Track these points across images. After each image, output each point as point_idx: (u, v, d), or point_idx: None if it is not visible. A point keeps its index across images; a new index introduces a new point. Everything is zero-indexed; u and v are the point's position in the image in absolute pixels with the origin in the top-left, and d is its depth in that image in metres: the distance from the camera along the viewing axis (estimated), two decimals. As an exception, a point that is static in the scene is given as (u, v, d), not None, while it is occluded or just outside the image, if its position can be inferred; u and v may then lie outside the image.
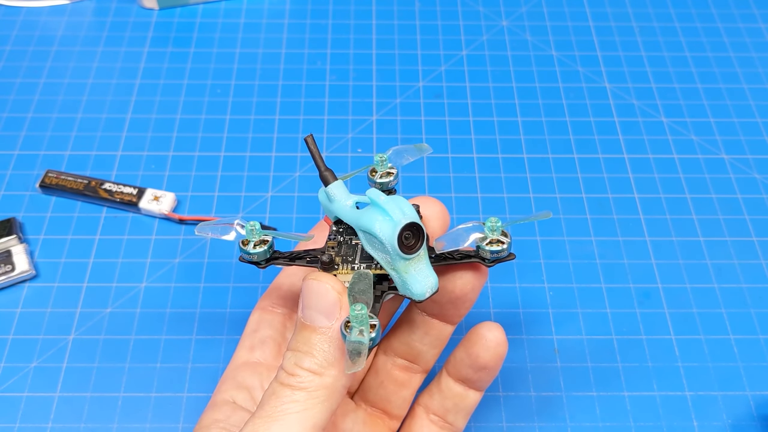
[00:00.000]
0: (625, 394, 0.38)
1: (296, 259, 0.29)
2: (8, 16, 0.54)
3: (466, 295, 0.30)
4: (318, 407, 0.25)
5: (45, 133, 0.47)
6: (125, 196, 0.43)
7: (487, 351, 0.31)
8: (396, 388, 0.33)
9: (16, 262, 0.41)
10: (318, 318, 0.26)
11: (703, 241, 0.43)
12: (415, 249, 0.27)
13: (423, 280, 0.27)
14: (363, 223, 0.27)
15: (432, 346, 0.32)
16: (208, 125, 0.48)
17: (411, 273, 0.27)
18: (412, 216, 0.26)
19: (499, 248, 0.27)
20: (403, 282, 0.27)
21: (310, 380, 0.25)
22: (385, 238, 0.26)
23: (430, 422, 0.33)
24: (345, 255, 0.28)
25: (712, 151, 0.48)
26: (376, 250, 0.27)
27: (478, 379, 0.32)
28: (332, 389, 0.25)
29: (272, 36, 0.54)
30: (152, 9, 0.55)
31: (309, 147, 0.28)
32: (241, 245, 0.29)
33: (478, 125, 0.49)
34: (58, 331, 0.39)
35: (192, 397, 0.37)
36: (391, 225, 0.26)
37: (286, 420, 0.24)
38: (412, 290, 0.27)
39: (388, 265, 0.27)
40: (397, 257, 0.26)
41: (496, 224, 0.27)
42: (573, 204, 0.45)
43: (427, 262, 0.27)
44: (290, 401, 0.25)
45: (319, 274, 0.27)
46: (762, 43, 0.54)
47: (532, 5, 0.56)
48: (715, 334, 0.40)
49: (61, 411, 0.37)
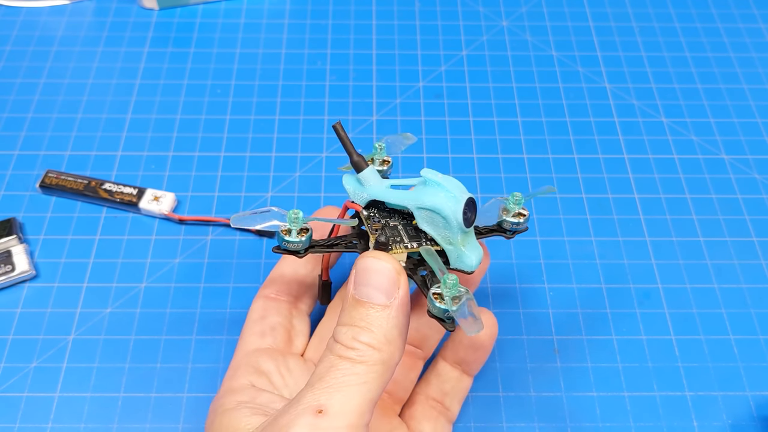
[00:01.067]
0: (625, 394, 0.38)
1: (334, 246, 0.30)
2: (8, 16, 0.54)
3: (474, 277, 0.33)
4: (376, 381, 0.25)
5: (45, 133, 0.47)
6: (125, 196, 0.43)
7: (484, 329, 0.33)
8: (405, 371, 0.34)
9: (16, 262, 0.41)
10: (376, 295, 0.26)
11: (703, 241, 0.43)
12: (472, 222, 0.29)
13: (476, 251, 0.29)
14: (425, 201, 0.28)
15: (436, 331, 0.34)
16: (208, 125, 0.48)
17: (466, 246, 0.29)
18: (467, 192, 0.29)
19: (519, 220, 0.31)
20: (458, 255, 0.29)
21: (369, 354, 0.25)
22: (450, 214, 0.28)
23: (430, 407, 0.34)
24: (392, 236, 0.29)
25: (712, 151, 0.48)
26: (435, 227, 0.28)
27: (474, 360, 0.34)
28: (388, 365, 0.26)
29: (272, 36, 0.54)
30: (152, 9, 0.55)
31: (339, 134, 0.29)
32: (281, 233, 0.29)
33: (478, 125, 0.49)
34: (58, 331, 0.39)
35: (192, 397, 0.37)
36: (455, 201, 0.28)
37: (347, 391, 0.25)
38: (467, 261, 0.29)
39: (446, 240, 0.29)
40: (459, 231, 0.28)
41: (520, 198, 0.31)
42: (573, 204, 0.45)
43: (475, 236, 0.30)
44: (351, 373, 0.25)
45: (377, 253, 0.27)
46: (762, 43, 0.54)
47: (532, 5, 0.56)
48: (715, 334, 0.40)
49: (61, 411, 0.37)
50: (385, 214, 0.30)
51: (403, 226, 0.30)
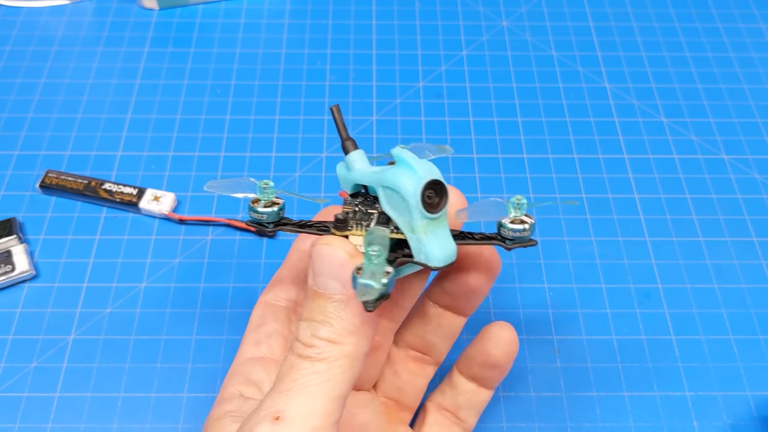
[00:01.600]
0: (625, 394, 0.38)
1: (305, 227, 0.28)
2: (8, 17, 0.54)
3: (481, 287, 0.30)
4: (340, 377, 0.24)
5: (45, 133, 0.47)
6: (125, 196, 0.43)
7: (498, 349, 0.31)
8: (410, 378, 0.33)
9: (16, 262, 0.41)
10: (331, 284, 0.25)
11: (703, 241, 0.43)
12: (438, 209, 0.26)
13: (442, 244, 0.26)
14: (386, 178, 0.26)
15: (444, 338, 0.32)
16: (208, 125, 0.48)
17: (429, 236, 0.26)
18: (437, 174, 0.26)
19: (521, 227, 0.26)
20: (420, 245, 0.26)
21: (329, 350, 0.24)
22: (408, 193, 0.25)
23: (443, 417, 0.33)
24: (360, 220, 0.27)
25: (712, 151, 0.48)
26: (396, 210, 0.26)
27: (490, 378, 0.32)
28: (353, 357, 0.24)
29: (272, 36, 0.54)
30: (152, 9, 0.55)
31: (334, 115, 0.28)
32: (251, 205, 0.28)
33: (478, 125, 0.49)
34: (58, 331, 0.39)
35: (192, 397, 0.37)
36: (415, 179, 0.25)
37: (307, 392, 0.24)
38: (430, 254, 0.25)
39: (407, 226, 0.26)
40: (418, 215, 0.25)
41: (521, 201, 0.26)
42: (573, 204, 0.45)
43: (448, 230, 0.26)
44: (310, 373, 0.24)
45: (329, 238, 0.26)
46: (762, 43, 0.54)
47: (532, 5, 0.56)
48: (715, 334, 0.40)
49: (61, 411, 0.37)
50: (368, 202, 0.28)
51: (378, 214, 0.27)
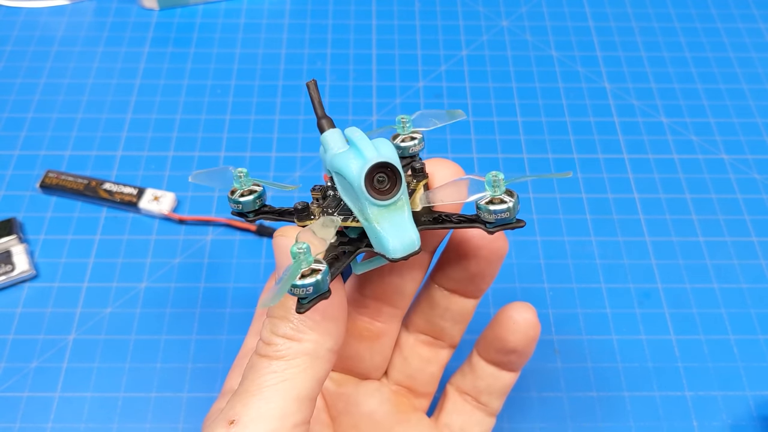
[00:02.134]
0: (625, 394, 0.38)
1: (285, 214, 0.27)
2: (8, 17, 0.54)
3: (484, 271, 0.28)
4: (300, 376, 0.23)
5: (45, 133, 0.47)
6: (125, 196, 0.43)
7: (515, 334, 0.29)
8: (422, 365, 0.31)
9: (16, 262, 0.41)
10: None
11: (703, 241, 0.43)
12: (389, 196, 0.23)
13: (398, 234, 0.23)
14: (335, 162, 0.24)
15: (455, 322, 0.30)
16: (208, 125, 0.48)
17: (383, 225, 0.23)
18: (387, 156, 0.23)
19: (501, 208, 0.23)
20: (375, 235, 0.23)
21: (287, 347, 0.23)
22: (353, 178, 0.23)
23: (464, 401, 0.32)
24: (327, 207, 0.25)
25: (712, 151, 0.48)
26: (349, 197, 0.24)
27: (509, 362, 0.30)
28: (314, 356, 0.23)
29: (272, 36, 0.54)
30: (152, 9, 0.55)
31: (310, 92, 0.25)
32: (229, 195, 0.27)
33: (478, 125, 0.49)
34: (58, 331, 0.39)
35: (192, 397, 0.37)
36: (360, 163, 0.23)
37: (264, 393, 0.22)
38: (386, 245, 0.23)
39: (361, 214, 0.24)
40: (366, 202, 0.23)
41: (497, 177, 0.23)
42: (573, 204, 0.45)
43: (408, 217, 0.24)
44: (268, 372, 0.23)
45: (287, 228, 0.24)
46: (762, 43, 0.54)
47: (532, 5, 0.56)
48: (715, 334, 0.40)
49: (61, 411, 0.37)
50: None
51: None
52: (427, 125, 0.28)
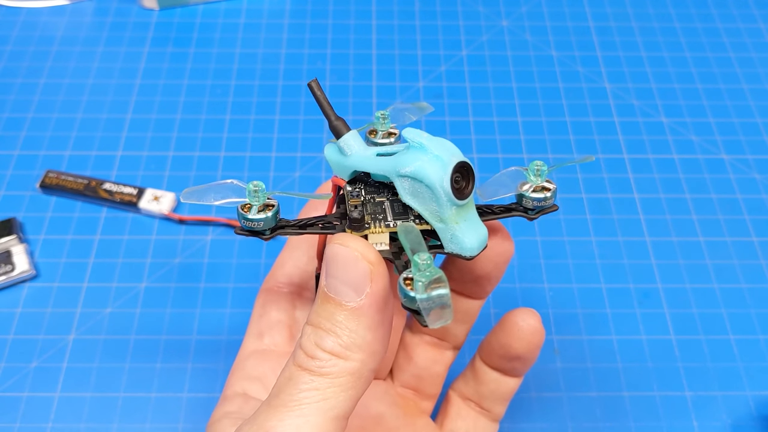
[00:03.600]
0: (625, 394, 0.38)
1: (307, 227, 0.25)
2: (8, 17, 0.54)
3: (490, 273, 0.28)
4: (341, 396, 0.22)
5: (45, 133, 0.47)
6: (125, 196, 0.43)
7: (519, 341, 0.29)
8: (428, 365, 0.31)
9: (16, 262, 0.41)
10: (344, 291, 0.22)
11: (703, 241, 0.43)
12: (467, 193, 0.23)
13: (475, 230, 0.24)
14: (404, 167, 0.23)
15: (460, 323, 0.30)
16: (208, 125, 0.48)
17: (462, 224, 0.23)
18: (460, 155, 0.23)
19: (543, 196, 0.24)
20: (452, 235, 0.23)
21: (332, 364, 0.22)
22: (434, 181, 0.23)
23: (467, 407, 0.31)
24: (373, 213, 0.24)
25: (712, 151, 0.48)
26: (420, 200, 0.23)
27: (513, 368, 0.30)
28: (358, 375, 0.22)
29: (272, 36, 0.54)
30: (152, 9, 0.55)
31: (314, 93, 0.24)
32: (241, 211, 0.24)
33: (478, 125, 0.49)
34: (58, 331, 0.39)
35: (192, 397, 0.37)
36: (440, 165, 0.23)
37: (303, 410, 0.21)
38: (464, 244, 0.23)
39: (434, 216, 0.23)
40: (448, 204, 0.23)
41: (541, 168, 0.24)
42: (573, 204, 0.45)
43: (476, 213, 0.24)
44: (309, 389, 0.21)
45: (346, 237, 0.23)
46: (762, 43, 0.54)
47: (532, 5, 0.56)
48: (715, 334, 0.40)
49: (61, 411, 0.37)
50: (372, 189, 0.25)
51: (390, 202, 0.25)
52: (403, 120, 0.28)
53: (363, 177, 0.26)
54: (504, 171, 0.25)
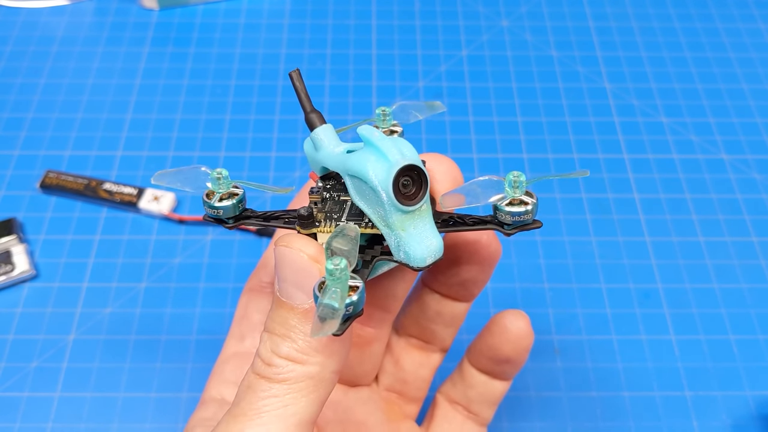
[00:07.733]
0: (625, 394, 0.38)
1: (271, 219, 0.24)
2: (8, 17, 0.54)
3: (476, 276, 0.27)
4: (302, 401, 0.21)
5: (45, 134, 0.47)
6: (125, 196, 0.43)
7: (508, 344, 0.28)
8: (413, 368, 0.30)
9: (16, 262, 0.41)
10: (294, 293, 0.21)
11: (703, 241, 0.43)
12: (415, 200, 0.22)
13: (423, 241, 0.22)
14: (351, 165, 0.22)
15: (446, 326, 0.30)
16: (208, 125, 0.48)
17: (409, 231, 0.22)
18: (412, 158, 0.21)
19: (521, 210, 0.22)
20: (398, 243, 0.22)
21: (289, 370, 0.21)
22: (377, 183, 0.21)
23: (454, 411, 0.31)
24: (330, 211, 0.23)
25: (712, 151, 0.48)
26: (367, 202, 0.22)
27: (501, 371, 0.30)
28: (318, 379, 0.21)
29: (272, 36, 0.54)
30: (152, 9, 0.55)
31: (294, 83, 0.23)
32: (205, 198, 0.23)
33: (478, 125, 0.49)
34: (58, 331, 0.39)
35: (192, 397, 0.37)
36: (385, 166, 0.21)
37: (263, 419, 0.21)
38: (410, 253, 0.22)
39: (381, 220, 0.22)
40: (392, 209, 0.21)
41: (519, 179, 0.22)
42: (573, 204, 0.45)
43: (431, 222, 0.22)
44: (268, 396, 0.21)
45: (291, 237, 0.22)
46: (762, 43, 0.54)
47: (532, 5, 0.56)
48: (715, 334, 0.40)
49: (61, 411, 0.37)
50: (342, 186, 0.24)
51: (352, 203, 0.23)
52: (408, 119, 0.27)
53: (336, 174, 0.24)
54: (477, 179, 0.23)
